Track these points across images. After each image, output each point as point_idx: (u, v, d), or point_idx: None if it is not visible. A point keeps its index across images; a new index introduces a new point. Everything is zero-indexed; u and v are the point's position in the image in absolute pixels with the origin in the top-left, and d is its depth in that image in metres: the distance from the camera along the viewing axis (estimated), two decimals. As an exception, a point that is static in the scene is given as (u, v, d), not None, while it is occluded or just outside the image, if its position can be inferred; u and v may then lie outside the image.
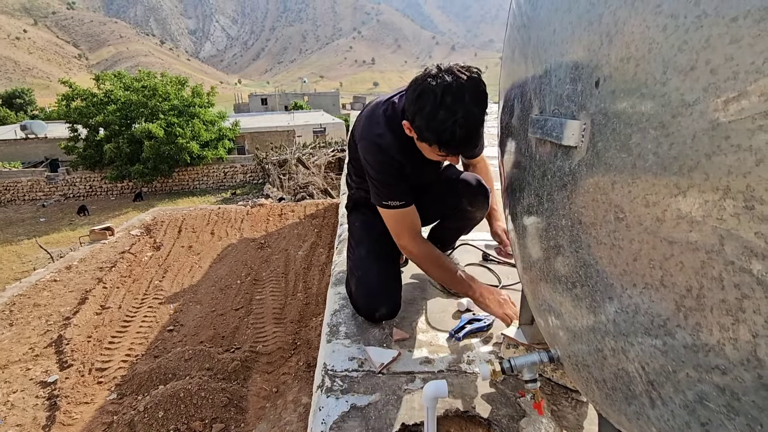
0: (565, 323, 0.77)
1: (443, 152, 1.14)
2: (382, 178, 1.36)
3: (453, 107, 1.03)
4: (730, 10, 0.37)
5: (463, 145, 1.10)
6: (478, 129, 1.09)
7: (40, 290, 3.78)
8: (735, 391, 0.41)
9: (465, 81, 1.04)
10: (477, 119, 1.06)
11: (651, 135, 0.48)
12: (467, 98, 1.04)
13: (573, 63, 0.67)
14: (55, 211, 15.10)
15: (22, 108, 44.36)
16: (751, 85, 0.36)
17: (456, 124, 1.04)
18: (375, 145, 1.34)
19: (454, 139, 1.06)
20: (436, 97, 1.04)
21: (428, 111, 1.05)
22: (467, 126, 1.05)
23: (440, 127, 1.05)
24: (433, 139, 1.09)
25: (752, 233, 0.37)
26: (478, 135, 1.11)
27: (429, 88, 1.05)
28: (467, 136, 1.07)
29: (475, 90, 1.06)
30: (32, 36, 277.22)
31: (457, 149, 1.12)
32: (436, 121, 1.05)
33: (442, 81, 1.04)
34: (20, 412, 2.31)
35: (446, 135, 1.06)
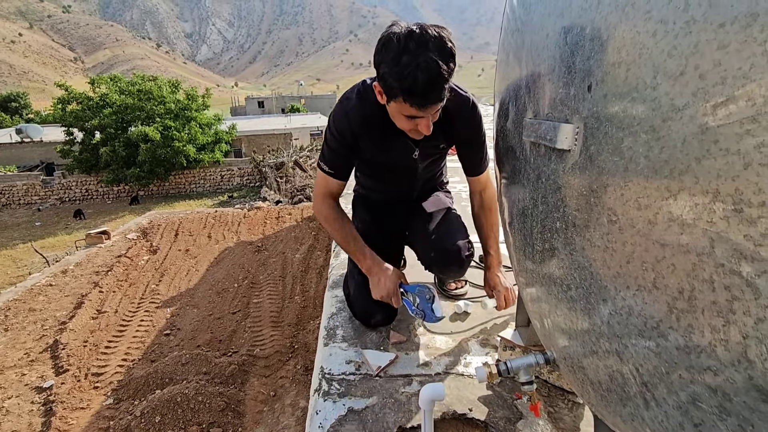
0: (561, 325, 0.77)
1: (411, 106, 1.09)
2: (330, 140, 1.35)
3: (416, 52, 1.01)
4: (717, 16, 0.38)
5: (427, 93, 1.05)
6: (441, 79, 1.04)
7: (36, 295, 3.76)
8: (727, 392, 0.41)
9: (429, 33, 1.03)
10: (440, 68, 1.02)
11: (642, 139, 0.49)
12: (431, 46, 1.02)
13: (566, 67, 0.68)
14: (50, 215, 15.01)
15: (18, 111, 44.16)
16: (739, 90, 0.36)
17: (418, 69, 1.01)
18: (339, 109, 1.33)
19: (417, 85, 1.02)
20: (399, 43, 1.03)
21: (391, 57, 1.04)
22: (429, 71, 1.01)
23: (403, 72, 1.02)
24: (397, 87, 1.05)
25: (741, 236, 0.37)
26: (441, 86, 1.06)
27: (393, 35, 1.05)
28: (430, 82, 1.02)
29: (440, 42, 1.03)
30: (28, 39, 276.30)
31: (422, 99, 1.06)
32: (399, 66, 1.02)
33: (407, 29, 1.04)
34: (15, 418, 2.29)
35: (409, 80, 1.02)
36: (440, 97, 1.08)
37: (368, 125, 1.30)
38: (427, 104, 1.08)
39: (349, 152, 1.37)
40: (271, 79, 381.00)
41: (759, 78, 0.34)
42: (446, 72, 1.04)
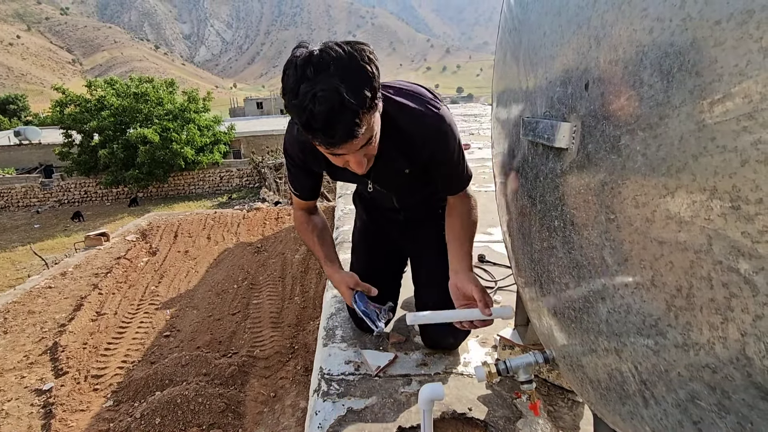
0: (560, 324, 0.77)
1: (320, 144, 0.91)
2: (289, 165, 1.26)
3: (314, 80, 0.82)
4: (713, 13, 0.38)
5: (329, 129, 0.85)
6: (346, 110, 0.83)
7: (35, 297, 3.75)
8: (725, 389, 0.41)
9: (334, 53, 0.84)
10: (341, 97, 0.81)
11: (639, 136, 0.48)
12: (332, 70, 0.82)
13: (563, 66, 0.68)
14: (49, 218, 15.00)
15: (16, 114, 44.14)
16: (735, 87, 0.36)
17: (315, 99, 0.81)
18: (287, 131, 1.21)
19: (314, 119, 0.83)
20: (296, 70, 0.84)
21: (290, 87, 0.85)
22: (328, 101, 0.81)
23: (300, 104, 0.83)
24: (298, 122, 0.87)
25: (739, 233, 0.37)
26: (349, 120, 0.84)
27: (292, 60, 0.86)
28: (329, 115, 0.82)
29: (346, 63, 0.84)
30: (26, 42, 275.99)
31: (325, 137, 0.86)
32: (297, 98, 0.84)
33: (307, 52, 0.85)
34: (15, 420, 2.29)
35: (306, 114, 0.83)
36: (350, 134, 0.86)
37: (311, 151, 1.12)
38: (334, 143, 0.88)
39: (306, 174, 1.27)
40: (270, 80, 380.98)
41: (755, 75, 0.34)
42: (353, 102, 0.83)
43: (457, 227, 1.25)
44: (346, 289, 1.28)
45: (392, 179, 1.26)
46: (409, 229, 1.52)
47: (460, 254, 1.20)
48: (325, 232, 1.41)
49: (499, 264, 2.05)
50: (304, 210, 1.40)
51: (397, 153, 1.12)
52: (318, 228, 1.39)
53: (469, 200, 1.27)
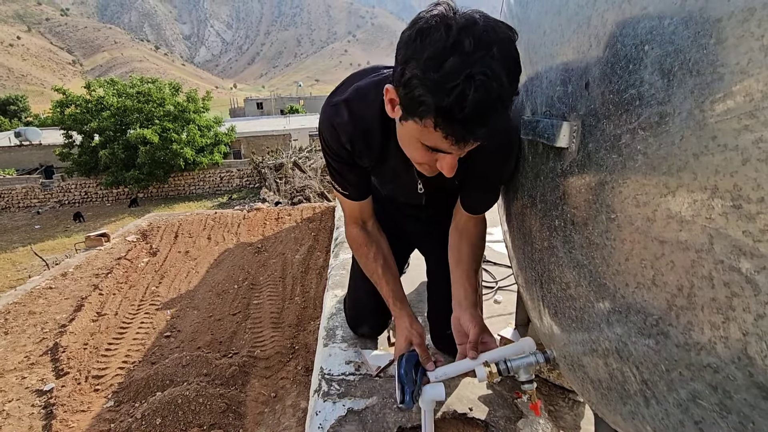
0: (560, 324, 0.77)
1: (443, 136, 0.71)
2: (328, 157, 1.07)
3: (472, 56, 0.63)
4: (714, 11, 0.38)
5: (474, 122, 0.67)
6: (499, 105, 0.67)
7: (36, 298, 3.75)
8: (727, 389, 0.41)
9: (501, 32, 0.66)
10: (503, 88, 0.65)
11: (640, 135, 0.48)
12: (496, 51, 0.64)
13: (563, 65, 0.67)
14: (50, 218, 15.01)
15: (17, 115, 44.20)
16: (736, 86, 0.36)
17: (471, 83, 0.63)
18: (326, 119, 1.01)
19: (462, 108, 0.65)
20: (449, 35, 0.64)
21: (430, 55, 0.65)
22: (488, 91, 0.64)
23: (446, 82, 0.64)
24: (431, 103, 0.67)
25: (740, 232, 0.37)
26: (497, 116, 0.68)
27: (439, 20, 0.66)
28: (484, 107, 0.65)
29: (510, 49, 0.68)
30: (26, 43, 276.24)
31: (464, 130, 0.69)
32: (441, 72, 0.64)
33: (464, 16, 0.66)
34: (16, 421, 2.29)
35: (452, 97, 0.64)
36: (495, 131, 0.71)
37: (362, 145, 0.98)
38: (469, 138, 0.71)
39: (352, 168, 1.06)
40: (270, 80, 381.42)
41: (756, 73, 0.34)
42: (510, 96, 0.69)
43: (466, 254, 1.11)
44: (403, 341, 1.07)
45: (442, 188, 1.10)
46: (430, 227, 1.38)
47: (466, 286, 1.07)
48: (392, 260, 1.18)
49: (499, 264, 2.05)
50: (360, 225, 1.16)
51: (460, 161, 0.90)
52: (383, 254, 1.16)
53: (483, 224, 1.15)
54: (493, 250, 2.21)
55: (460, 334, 1.04)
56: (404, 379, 0.96)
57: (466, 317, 1.03)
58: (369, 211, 1.16)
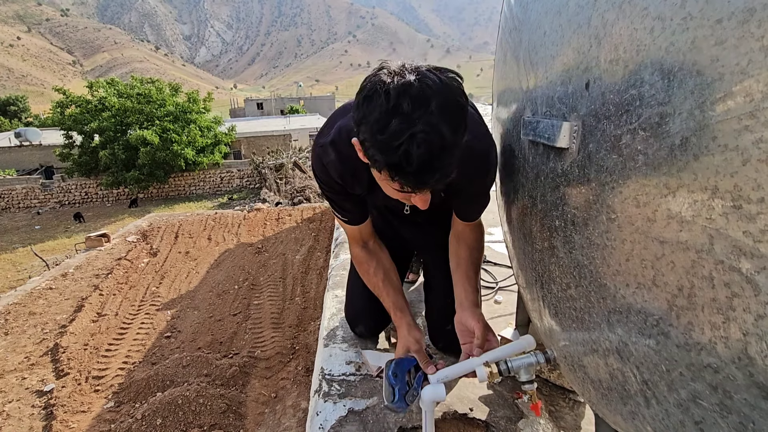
0: (561, 324, 0.77)
1: (399, 182, 0.78)
2: (327, 192, 1.14)
3: (411, 116, 0.70)
4: (714, 12, 0.38)
5: (425, 174, 0.74)
6: (445, 155, 0.73)
7: (36, 298, 3.76)
8: (727, 389, 0.41)
9: (434, 85, 0.72)
10: (445, 140, 0.72)
11: (640, 136, 0.48)
12: (434, 107, 0.71)
13: (563, 65, 0.68)
14: (50, 219, 15.01)
15: (17, 115, 44.24)
16: (737, 86, 0.36)
17: (413, 141, 0.70)
18: (317, 158, 1.08)
19: (410, 163, 0.72)
20: (389, 100, 0.71)
21: (375, 118, 0.73)
22: (430, 146, 0.71)
23: (391, 143, 0.72)
24: (382, 161, 0.75)
25: (740, 232, 0.37)
26: (446, 164, 0.75)
27: (379, 85, 0.73)
28: (429, 161, 0.72)
29: (448, 100, 0.73)
30: (26, 43, 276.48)
31: (417, 181, 0.76)
32: (386, 134, 0.72)
33: (401, 79, 0.72)
34: (16, 422, 2.29)
35: (397, 155, 0.72)
36: (446, 177, 0.77)
37: (351, 180, 1.06)
38: (425, 186, 0.78)
39: (347, 197, 1.13)
40: (270, 80, 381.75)
41: (757, 74, 0.34)
42: (454, 143, 0.74)
43: (464, 257, 1.17)
44: (402, 349, 1.10)
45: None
46: (426, 230, 1.43)
47: (466, 287, 1.12)
48: (392, 272, 1.25)
49: (500, 264, 2.05)
50: (361, 245, 1.24)
51: None
52: (384, 268, 1.24)
53: (479, 228, 1.20)
54: (493, 251, 2.21)
55: (463, 333, 1.07)
56: (392, 381, 0.98)
57: (468, 315, 1.06)
58: (369, 232, 1.24)
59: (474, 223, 1.18)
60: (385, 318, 1.46)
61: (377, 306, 1.33)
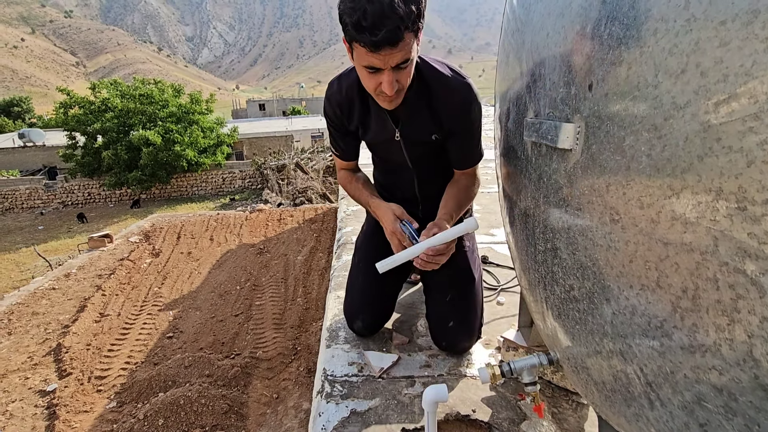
0: (564, 325, 0.77)
1: (364, 49, 0.98)
2: (330, 127, 1.37)
3: None
4: (718, 13, 0.38)
5: (376, 28, 0.93)
6: (394, 14, 0.92)
7: (39, 298, 3.77)
8: (732, 391, 0.41)
9: None
10: (394, 3, 0.91)
11: (644, 137, 0.48)
12: None
13: (566, 66, 0.67)
14: (53, 219, 15.07)
15: (20, 116, 44.46)
16: (741, 88, 0.36)
17: (369, 0, 0.91)
18: (325, 95, 1.32)
19: (365, 17, 0.92)
20: None
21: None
22: (381, 3, 0.91)
23: (355, 6, 0.93)
24: (348, 23, 0.96)
25: (745, 234, 0.37)
26: (394, 24, 0.93)
27: None
28: (380, 15, 0.91)
29: None
30: (30, 44, 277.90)
31: (371, 36, 0.94)
32: (353, 1, 0.94)
33: None
34: (19, 421, 2.30)
35: (358, 13, 0.92)
36: (394, 38, 0.95)
37: (348, 103, 1.27)
38: (378, 44, 0.95)
39: (344, 135, 1.37)
40: (272, 81, 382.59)
41: (761, 75, 0.34)
42: (401, 8, 0.92)
43: (453, 192, 1.33)
44: (392, 215, 1.28)
45: (419, 140, 1.29)
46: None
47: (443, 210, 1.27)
48: (369, 182, 1.49)
49: (502, 265, 2.05)
50: (347, 169, 1.49)
51: (426, 112, 1.21)
52: (361, 179, 1.48)
53: (473, 178, 1.36)
54: (495, 252, 2.21)
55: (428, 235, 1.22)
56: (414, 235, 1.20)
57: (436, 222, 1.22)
58: (354, 167, 1.50)
59: (468, 172, 1.34)
60: (383, 315, 1.53)
61: (376, 302, 1.46)
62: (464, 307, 1.37)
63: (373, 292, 1.47)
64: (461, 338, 1.38)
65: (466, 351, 1.42)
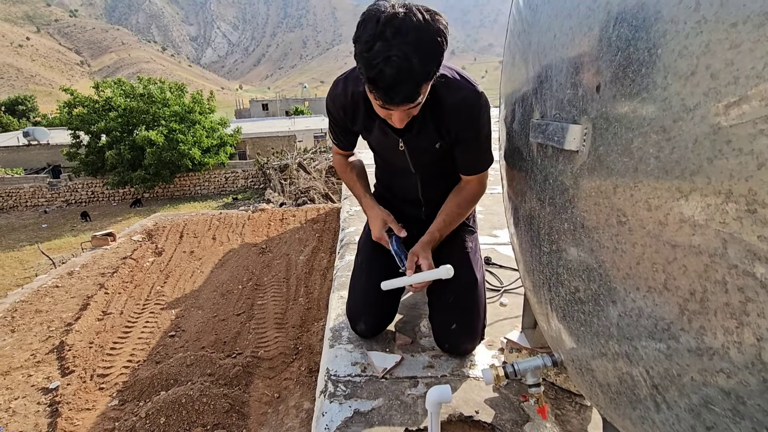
0: (568, 327, 0.77)
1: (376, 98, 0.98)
2: (331, 120, 1.36)
3: (391, 42, 0.88)
4: (729, 15, 0.38)
5: (392, 91, 0.93)
6: (411, 78, 0.91)
7: (42, 296, 3.78)
8: (740, 394, 0.41)
9: (416, 21, 0.89)
10: (411, 66, 0.89)
11: (652, 139, 0.48)
12: (410, 38, 0.89)
13: (574, 68, 0.67)
14: (57, 218, 15.14)
15: (25, 115, 44.67)
16: (752, 90, 0.36)
17: (387, 62, 0.88)
18: (330, 92, 1.32)
19: (382, 79, 0.91)
20: (377, 26, 0.90)
21: (365, 39, 0.91)
22: (399, 68, 0.88)
23: (371, 61, 0.90)
24: (365, 74, 0.95)
25: (755, 237, 0.37)
26: (411, 87, 0.93)
27: (374, 14, 0.91)
28: (396, 80, 0.90)
29: (425, 35, 0.90)
30: (35, 43, 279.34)
31: (386, 96, 0.94)
32: (370, 53, 0.90)
33: (391, 10, 0.90)
34: (22, 419, 2.30)
35: (374, 71, 0.91)
36: (410, 98, 0.96)
37: (352, 106, 1.26)
38: (392, 102, 0.97)
39: (344, 130, 1.38)
40: (275, 81, 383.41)
41: (773, 77, 0.34)
42: (420, 72, 0.92)
43: (453, 206, 1.35)
44: (380, 223, 1.36)
45: (423, 150, 1.29)
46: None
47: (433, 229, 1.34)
48: (363, 172, 1.52)
49: (505, 266, 2.04)
50: (342, 155, 1.51)
51: (432, 122, 1.19)
52: (357, 168, 1.51)
53: (479, 186, 1.34)
54: (499, 253, 2.21)
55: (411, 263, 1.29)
56: (400, 252, 1.33)
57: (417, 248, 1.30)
58: (350, 154, 1.53)
59: (474, 179, 1.32)
60: (386, 316, 1.52)
61: (379, 303, 1.45)
62: (467, 309, 1.36)
63: (376, 293, 1.43)
64: (464, 340, 1.38)
65: (469, 353, 1.42)
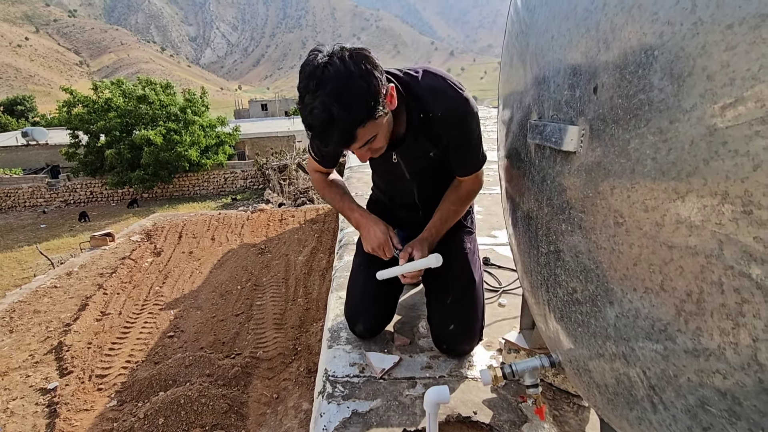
0: (566, 328, 0.77)
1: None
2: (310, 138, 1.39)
3: (314, 93, 0.93)
4: (725, 17, 0.38)
5: (323, 138, 0.98)
6: (335, 126, 0.95)
7: (41, 297, 3.78)
8: (736, 395, 0.41)
9: (334, 71, 0.92)
10: (332, 116, 0.92)
11: (649, 140, 0.48)
12: (329, 89, 0.92)
13: (571, 69, 0.67)
14: (55, 218, 15.12)
15: (24, 115, 44.62)
16: (748, 92, 0.36)
17: (311, 114, 0.94)
18: None
19: (311, 128, 0.97)
20: (304, 79, 0.95)
21: (299, 90, 0.97)
22: (321, 119, 0.93)
23: (303, 111, 0.96)
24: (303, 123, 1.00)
25: (751, 238, 0.37)
26: (340, 133, 0.96)
27: (305, 66, 0.96)
28: (323, 129, 0.95)
29: (343, 82, 0.93)
30: (34, 43, 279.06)
31: (321, 142, 1.00)
32: (302, 104, 0.97)
33: (315, 61, 0.94)
34: (20, 419, 2.30)
35: (306, 121, 0.97)
36: (342, 143, 0.99)
37: None
38: (327, 147, 1.01)
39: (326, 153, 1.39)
40: (275, 82, 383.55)
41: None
42: (344, 119, 0.94)
43: (450, 204, 1.36)
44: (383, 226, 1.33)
45: (417, 159, 1.30)
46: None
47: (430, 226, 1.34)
48: (345, 187, 1.50)
49: (504, 267, 2.05)
50: (323, 173, 1.49)
51: (423, 134, 1.20)
52: (337, 184, 1.49)
53: (475, 182, 1.35)
54: (497, 254, 2.21)
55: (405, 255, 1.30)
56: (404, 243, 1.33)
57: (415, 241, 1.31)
58: (330, 173, 1.50)
59: (469, 178, 1.33)
60: (385, 317, 1.52)
61: (377, 303, 1.45)
62: (465, 309, 1.36)
63: (374, 294, 1.45)
64: (462, 341, 1.38)
65: (467, 354, 1.42)
